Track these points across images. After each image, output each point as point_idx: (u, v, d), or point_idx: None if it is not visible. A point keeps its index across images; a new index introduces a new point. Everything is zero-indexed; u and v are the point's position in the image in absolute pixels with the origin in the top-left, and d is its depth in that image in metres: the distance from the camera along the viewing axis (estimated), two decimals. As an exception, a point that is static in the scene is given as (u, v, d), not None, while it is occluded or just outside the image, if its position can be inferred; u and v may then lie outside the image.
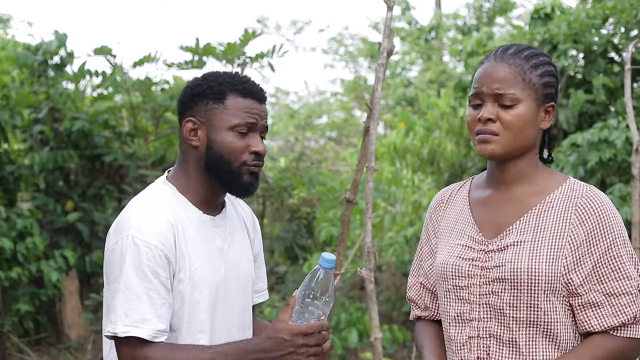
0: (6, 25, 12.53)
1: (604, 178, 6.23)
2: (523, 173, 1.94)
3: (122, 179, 7.73)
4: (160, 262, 1.93)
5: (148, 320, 1.91)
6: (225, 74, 2.07)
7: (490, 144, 1.89)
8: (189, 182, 2.06)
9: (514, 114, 1.87)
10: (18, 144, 7.67)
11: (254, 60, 7.16)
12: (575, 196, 1.89)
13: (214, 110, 2.02)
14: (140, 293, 1.91)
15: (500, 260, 1.88)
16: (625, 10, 6.78)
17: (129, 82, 7.46)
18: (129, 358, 1.91)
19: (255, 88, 2.06)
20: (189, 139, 2.04)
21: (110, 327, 1.92)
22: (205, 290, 2.01)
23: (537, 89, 1.90)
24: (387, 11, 2.92)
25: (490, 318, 1.90)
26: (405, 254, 7.40)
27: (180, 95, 2.10)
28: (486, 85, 1.90)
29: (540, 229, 1.88)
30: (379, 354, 2.95)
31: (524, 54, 1.92)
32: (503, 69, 1.89)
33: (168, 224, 1.97)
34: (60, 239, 7.19)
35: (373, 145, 2.89)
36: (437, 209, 2.11)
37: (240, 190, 2.05)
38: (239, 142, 2.01)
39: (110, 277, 1.97)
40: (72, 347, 6.96)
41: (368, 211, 2.91)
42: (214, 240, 2.06)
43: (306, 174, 8.46)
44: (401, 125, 8.07)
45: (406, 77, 14.71)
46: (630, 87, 3.59)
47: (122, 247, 1.94)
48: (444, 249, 2.01)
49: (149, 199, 2.05)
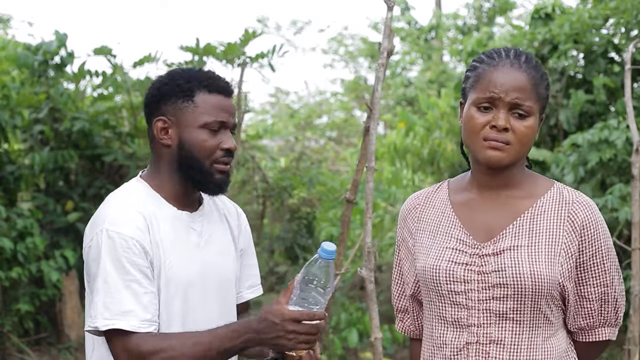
0: (6, 25, 12.53)
1: (604, 178, 6.23)
2: (512, 178, 1.94)
3: (122, 179, 7.72)
4: (136, 251, 1.93)
5: (131, 312, 1.90)
6: (190, 70, 2.07)
7: (501, 152, 1.85)
8: (162, 179, 2.06)
9: (527, 126, 1.86)
10: (18, 144, 7.66)
11: (254, 60, 7.16)
12: (565, 202, 1.90)
13: (184, 108, 2.01)
14: (119, 286, 1.91)
15: (499, 265, 1.87)
16: (626, 10, 6.78)
17: (129, 82, 7.46)
18: (121, 352, 1.90)
19: (223, 83, 2.06)
20: (160, 138, 2.03)
21: (90, 322, 1.92)
22: (180, 286, 2.00)
23: (541, 101, 1.90)
24: (387, 11, 2.92)
25: (491, 323, 1.88)
26: (405, 254, 7.38)
27: (148, 94, 2.09)
28: (506, 92, 1.85)
29: (535, 234, 1.88)
30: (379, 354, 2.95)
31: (533, 62, 1.91)
32: (522, 78, 1.87)
33: (140, 215, 1.97)
34: (61, 239, 7.18)
35: (373, 145, 2.89)
36: (412, 212, 2.06)
37: (212, 189, 2.05)
38: (210, 140, 2.01)
39: (90, 275, 1.97)
40: (72, 347, 6.96)
41: (368, 211, 2.91)
42: (189, 236, 2.05)
43: (306, 174, 8.46)
44: (401, 125, 8.07)
45: (406, 77, 14.71)
46: (630, 87, 3.59)
47: (98, 242, 1.95)
48: (429, 252, 1.97)
49: (122, 195, 2.06)
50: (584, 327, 1.93)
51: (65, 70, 7.32)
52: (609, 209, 5.58)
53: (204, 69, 2.10)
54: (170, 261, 1.99)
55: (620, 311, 1.94)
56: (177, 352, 1.89)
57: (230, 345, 1.90)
